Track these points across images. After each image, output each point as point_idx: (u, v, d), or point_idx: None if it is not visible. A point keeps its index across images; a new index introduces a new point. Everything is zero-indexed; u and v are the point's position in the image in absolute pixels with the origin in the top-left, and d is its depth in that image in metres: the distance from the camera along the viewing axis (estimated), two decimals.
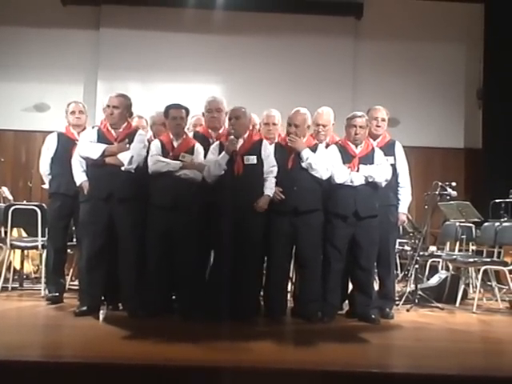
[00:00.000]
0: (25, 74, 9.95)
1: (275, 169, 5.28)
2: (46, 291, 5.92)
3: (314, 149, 5.39)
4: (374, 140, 5.70)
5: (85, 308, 5.26)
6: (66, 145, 5.78)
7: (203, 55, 9.86)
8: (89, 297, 5.31)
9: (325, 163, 5.30)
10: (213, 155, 5.26)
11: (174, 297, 5.46)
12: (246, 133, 5.33)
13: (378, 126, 5.70)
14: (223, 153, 5.19)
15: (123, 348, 4.27)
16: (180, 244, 5.21)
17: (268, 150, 5.33)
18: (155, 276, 5.24)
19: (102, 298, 5.47)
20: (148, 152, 5.31)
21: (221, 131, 5.57)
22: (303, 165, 5.28)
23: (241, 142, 5.26)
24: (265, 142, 5.42)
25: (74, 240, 6.15)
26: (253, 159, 5.24)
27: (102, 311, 5.38)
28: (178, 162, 5.21)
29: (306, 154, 5.29)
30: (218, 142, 5.35)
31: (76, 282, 6.17)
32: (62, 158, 5.73)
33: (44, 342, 4.55)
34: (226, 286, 5.08)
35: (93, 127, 5.53)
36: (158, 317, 5.17)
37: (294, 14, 10.03)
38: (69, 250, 6.30)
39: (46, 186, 5.99)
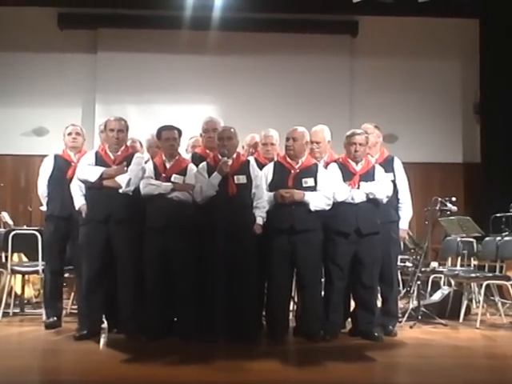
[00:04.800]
0: (23, 99, 9.98)
1: (264, 192, 5.28)
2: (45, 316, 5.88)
3: (314, 169, 5.38)
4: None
5: (85, 332, 5.22)
6: (62, 166, 5.77)
7: (200, 76, 9.88)
8: (88, 320, 5.27)
9: (325, 195, 5.28)
10: (201, 176, 5.26)
11: (174, 319, 5.41)
12: (235, 153, 5.37)
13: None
14: (215, 173, 5.20)
15: (123, 371, 4.24)
16: (177, 265, 5.19)
17: (257, 171, 5.36)
18: (154, 298, 5.21)
19: (102, 321, 5.43)
20: None
21: None
22: (310, 208, 5.26)
23: (230, 162, 5.26)
24: (252, 161, 5.46)
25: (72, 264, 6.10)
26: (243, 179, 5.27)
27: (102, 335, 5.34)
28: (169, 184, 5.21)
29: (307, 198, 5.26)
30: (204, 163, 5.36)
31: (76, 306, 6.11)
32: (58, 180, 5.72)
33: (44, 367, 4.53)
34: (226, 306, 5.04)
35: (91, 151, 5.54)
36: (158, 339, 5.13)
37: (290, 34, 10.07)
38: (69, 274, 6.26)
39: (44, 208, 5.97)
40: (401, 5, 8.84)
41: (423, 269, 6.72)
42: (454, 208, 6.43)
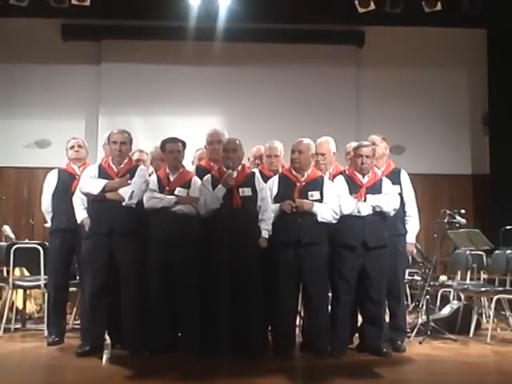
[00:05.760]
0: (25, 110, 9.96)
1: (269, 205, 5.27)
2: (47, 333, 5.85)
3: (320, 181, 5.38)
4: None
5: (87, 348, 5.19)
6: (66, 180, 5.77)
7: (204, 87, 9.87)
8: (91, 336, 5.25)
9: (332, 207, 5.27)
10: (205, 188, 5.26)
11: (179, 334, 5.38)
12: (240, 165, 5.35)
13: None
14: (220, 186, 5.19)
15: None
16: (180, 279, 5.18)
17: (262, 183, 5.35)
18: (157, 312, 5.19)
19: (105, 336, 5.41)
20: None
21: None
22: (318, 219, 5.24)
23: (234, 174, 5.25)
24: (257, 174, 5.45)
25: (77, 278, 6.09)
26: (248, 191, 5.26)
27: (105, 351, 5.31)
28: (173, 197, 5.21)
29: (316, 209, 5.25)
30: (209, 175, 5.36)
31: (79, 322, 6.08)
32: (62, 194, 5.72)
33: None
34: (231, 321, 5.02)
35: (94, 164, 5.54)
36: (162, 355, 5.09)
37: (295, 44, 10.05)
38: (72, 288, 6.24)
39: (49, 225, 5.96)
40: (407, 15, 8.82)
41: (432, 283, 6.66)
42: (463, 220, 6.40)
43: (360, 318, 5.59)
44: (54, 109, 10.00)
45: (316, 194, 5.31)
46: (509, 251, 6.74)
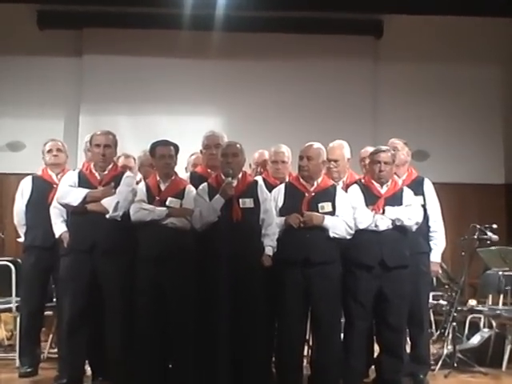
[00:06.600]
0: None
1: (274, 218, 5.29)
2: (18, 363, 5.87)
3: (331, 191, 5.40)
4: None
5: (65, 380, 5.23)
6: (43, 189, 5.80)
7: (201, 83, 9.89)
8: (69, 367, 5.28)
9: (346, 221, 5.28)
10: (201, 199, 5.27)
11: (169, 365, 5.39)
12: (240, 172, 5.37)
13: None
14: (217, 196, 5.21)
15: None
16: (172, 303, 5.19)
17: (265, 193, 5.37)
18: (145, 340, 5.19)
19: (86, 367, 5.42)
20: None
21: None
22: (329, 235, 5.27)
23: (234, 182, 5.28)
24: (260, 182, 5.46)
25: (54, 300, 6.11)
26: (249, 202, 5.28)
27: None
28: (164, 208, 5.22)
29: (327, 223, 5.26)
30: (205, 184, 5.39)
31: (55, 350, 6.10)
32: (38, 205, 5.74)
33: None
34: (229, 351, 5.02)
35: (74, 170, 5.56)
36: None
37: (304, 35, 10.06)
38: (48, 312, 6.25)
39: (22, 239, 5.97)
40: (431, 2, 8.85)
41: (459, 308, 6.68)
42: (495, 237, 6.42)
43: (377, 348, 5.60)
44: (29, 107, 10.00)
45: (327, 206, 5.33)
46: None
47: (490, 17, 10.00)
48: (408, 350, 5.69)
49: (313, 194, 5.36)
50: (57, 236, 5.40)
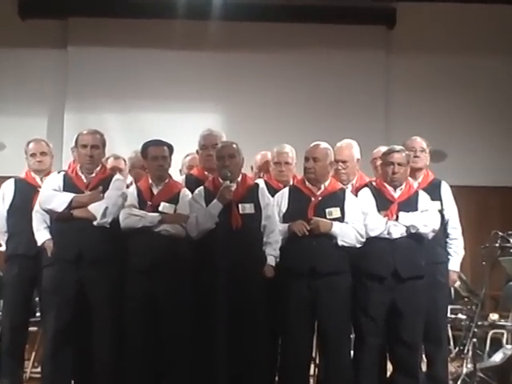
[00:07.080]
0: None
1: (277, 225, 5.28)
2: None
3: (340, 196, 5.39)
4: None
5: None
6: (26, 193, 5.78)
7: (197, 77, 9.89)
8: None
9: (356, 228, 5.28)
10: (197, 204, 5.27)
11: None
12: (239, 175, 5.35)
13: (417, 157, 5.65)
14: (215, 201, 5.21)
15: None
16: (166, 316, 5.20)
17: (267, 198, 5.37)
18: (137, 356, 5.19)
19: None
20: None
21: None
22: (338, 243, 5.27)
23: (233, 186, 5.27)
24: (262, 186, 5.45)
25: (38, 314, 6.10)
26: (250, 208, 5.28)
27: None
28: (156, 214, 5.22)
29: (335, 230, 5.26)
30: (201, 188, 5.39)
31: (39, 369, 6.09)
32: (21, 210, 5.72)
33: None
34: (228, 368, 5.02)
35: (58, 172, 5.54)
36: None
37: (310, 24, 10.05)
38: (32, 328, 6.24)
39: (3, 248, 5.97)
40: None
41: (480, 322, 6.66)
42: None
43: (390, 366, 5.60)
44: (9, 103, 10.02)
45: (335, 212, 5.32)
46: None
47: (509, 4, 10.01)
48: (424, 368, 5.70)
49: (319, 198, 5.36)
50: (39, 244, 5.39)
